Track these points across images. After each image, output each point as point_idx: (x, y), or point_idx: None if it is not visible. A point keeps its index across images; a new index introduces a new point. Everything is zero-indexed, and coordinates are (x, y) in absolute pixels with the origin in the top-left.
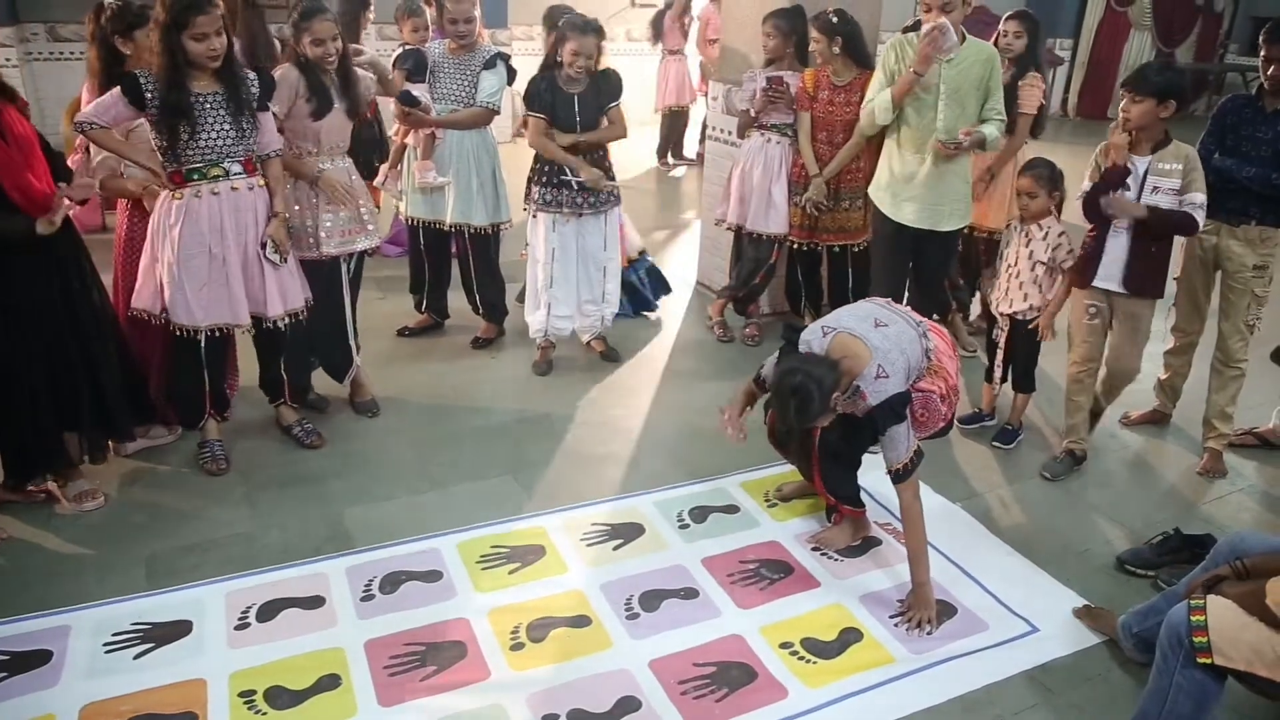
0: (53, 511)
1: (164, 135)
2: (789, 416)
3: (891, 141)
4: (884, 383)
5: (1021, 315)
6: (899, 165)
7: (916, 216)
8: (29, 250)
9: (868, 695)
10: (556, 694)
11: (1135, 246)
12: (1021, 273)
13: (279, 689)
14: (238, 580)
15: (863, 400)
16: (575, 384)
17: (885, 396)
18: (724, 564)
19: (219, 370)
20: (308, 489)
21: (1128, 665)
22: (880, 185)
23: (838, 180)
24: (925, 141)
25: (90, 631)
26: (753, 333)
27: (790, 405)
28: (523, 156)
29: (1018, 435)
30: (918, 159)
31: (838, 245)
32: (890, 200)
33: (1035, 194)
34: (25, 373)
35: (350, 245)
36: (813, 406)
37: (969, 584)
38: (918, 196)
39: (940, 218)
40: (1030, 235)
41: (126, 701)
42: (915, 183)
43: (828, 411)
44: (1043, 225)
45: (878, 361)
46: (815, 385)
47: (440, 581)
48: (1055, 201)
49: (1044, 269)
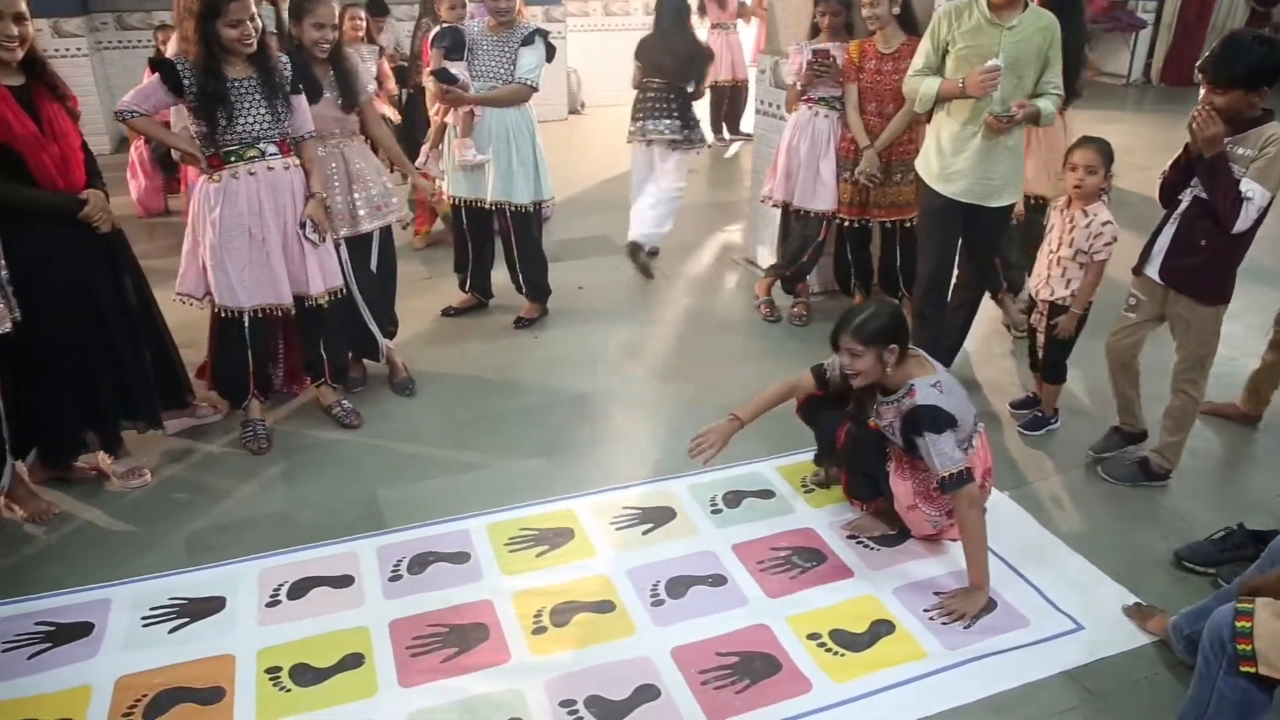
0: (101, 488)
1: (202, 121)
2: (852, 321)
3: (941, 111)
4: (937, 394)
5: (1062, 301)
6: (948, 136)
7: (965, 190)
8: (63, 228)
9: (895, 691)
10: (575, 680)
11: (1181, 234)
12: (1063, 259)
13: (304, 666)
14: (271, 558)
15: (910, 399)
16: (618, 364)
17: (933, 402)
18: (755, 551)
19: (262, 351)
20: (344, 469)
21: (1178, 669)
22: (928, 157)
23: (889, 152)
24: (978, 112)
25: (129, 605)
26: (800, 312)
27: (862, 311)
28: (578, 134)
29: (1047, 424)
30: (969, 130)
31: (889, 221)
32: (938, 173)
33: (1095, 169)
34: (54, 359)
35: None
36: (876, 322)
37: (1011, 576)
38: (967, 170)
39: (990, 192)
40: (1074, 220)
41: (159, 675)
42: (965, 155)
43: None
44: (1089, 211)
45: (939, 378)
46: (891, 314)
47: (468, 563)
48: (1108, 183)
49: (1085, 256)
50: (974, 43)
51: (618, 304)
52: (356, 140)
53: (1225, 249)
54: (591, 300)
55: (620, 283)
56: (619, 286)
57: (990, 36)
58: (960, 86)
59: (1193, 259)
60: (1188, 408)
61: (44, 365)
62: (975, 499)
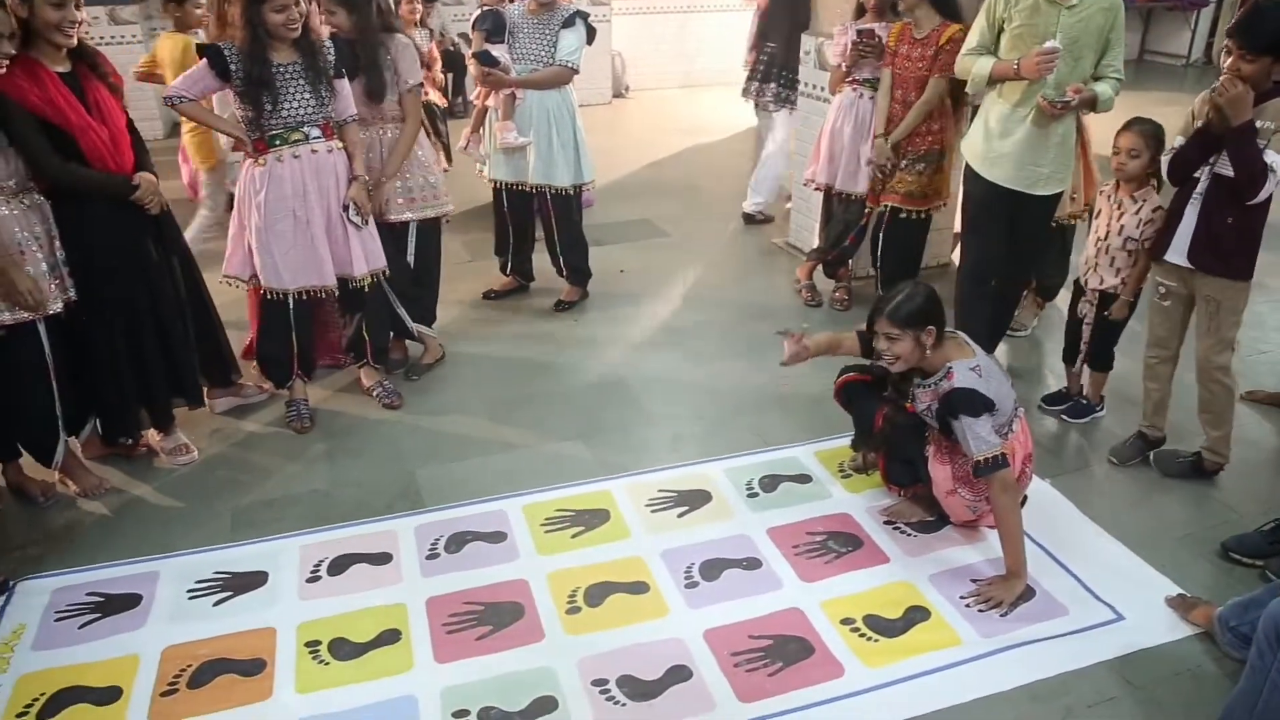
0: (150, 464)
1: (248, 106)
2: (888, 305)
3: (993, 92)
4: (975, 378)
5: (1113, 289)
6: (996, 118)
7: (1009, 176)
8: (116, 209)
9: (929, 678)
10: (608, 660)
11: (1207, 214)
12: (1112, 246)
13: (342, 640)
14: (313, 535)
15: (948, 380)
16: (658, 348)
17: (970, 385)
18: (790, 535)
19: (307, 332)
20: (384, 448)
21: (1222, 661)
22: (974, 138)
23: (906, 142)
24: (1030, 95)
25: (176, 578)
26: (842, 296)
27: (898, 294)
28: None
29: (1092, 411)
30: (1019, 113)
31: (889, 206)
32: (983, 156)
33: (1139, 152)
34: (107, 337)
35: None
36: (912, 305)
37: (1050, 565)
38: (1013, 155)
39: (1036, 180)
40: (1123, 206)
41: (204, 646)
42: (1012, 139)
43: (913, 336)
44: (1137, 197)
45: (978, 362)
46: (927, 297)
47: (504, 543)
48: (1156, 165)
49: (1135, 244)
50: (1031, 21)
51: (658, 288)
52: (391, 128)
53: (1251, 223)
54: (632, 284)
55: (661, 267)
56: (660, 270)
57: (1048, 16)
58: (1014, 68)
59: (1222, 238)
60: (1224, 397)
61: (98, 344)
62: (1009, 484)
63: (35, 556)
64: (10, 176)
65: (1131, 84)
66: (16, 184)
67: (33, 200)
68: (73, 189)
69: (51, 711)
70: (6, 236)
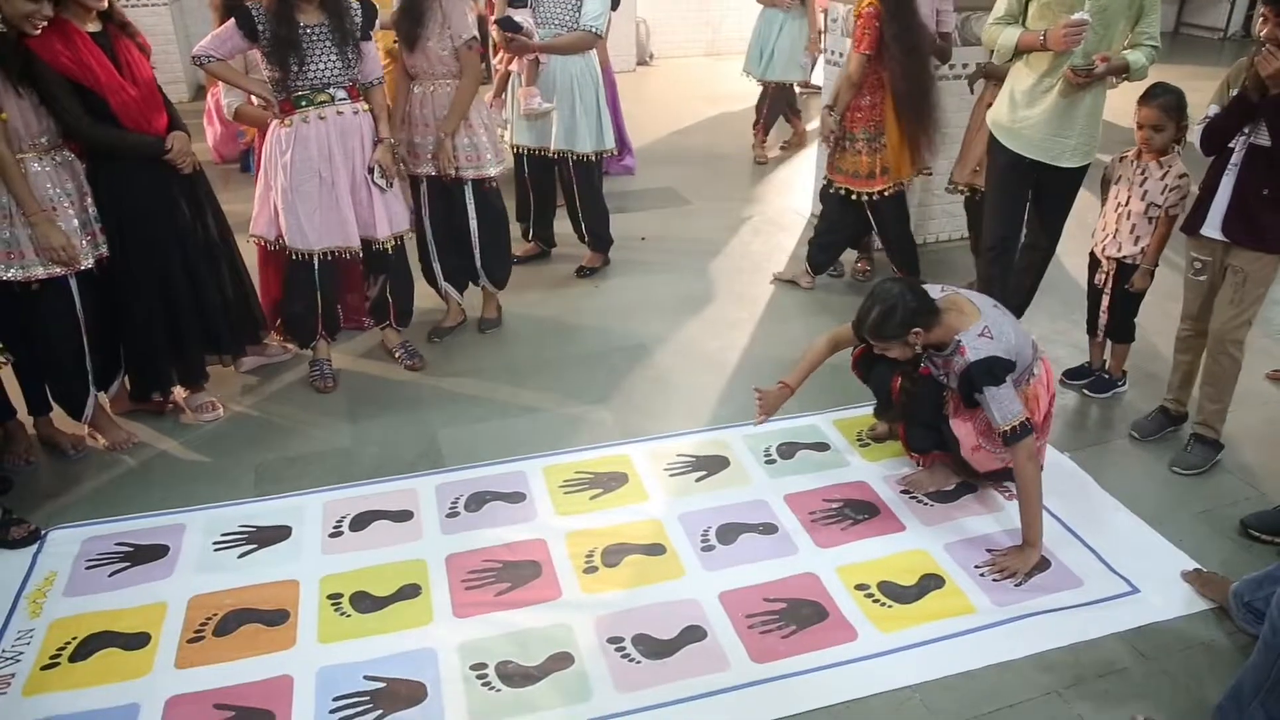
0: (176, 420)
1: (274, 67)
2: (865, 323)
3: (1020, 61)
4: (986, 343)
5: (1131, 259)
6: (1022, 89)
7: (1033, 146)
8: (148, 168)
9: (941, 644)
10: (624, 618)
11: (1242, 185)
12: (1133, 213)
13: (364, 594)
14: (335, 491)
15: (960, 356)
16: (678, 315)
17: (984, 355)
18: (807, 501)
19: (331, 293)
20: (406, 409)
21: (1235, 636)
22: (999, 109)
23: (846, 119)
24: (1058, 65)
25: (202, 530)
26: (864, 267)
27: (871, 311)
28: (646, 85)
29: (1114, 386)
30: (1046, 84)
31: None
32: (1008, 126)
33: (1162, 126)
34: (140, 294)
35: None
36: (888, 323)
37: (1066, 537)
38: (1039, 125)
39: (1061, 152)
40: (1147, 172)
41: (229, 596)
42: (1038, 109)
43: (901, 342)
44: (1163, 163)
45: (985, 323)
46: (901, 304)
47: (523, 503)
48: (1181, 132)
49: (1158, 211)
50: None
51: (679, 255)
52: (443, 84)
53: None
54: (653, 251)
55: (683, 234)
56: (681, 238)
57: None
58: (1040, 39)
59: (1258, 209)
60: (1231, 370)
61: (129, 300)
62: (1033, 453)
63: (65, 507)
64: (42, 134)
65: (1167, 57)
66: (48, 141)
67: (64, 157)
68: (106, 149)
69: (83, 654)
70: (39, 193)
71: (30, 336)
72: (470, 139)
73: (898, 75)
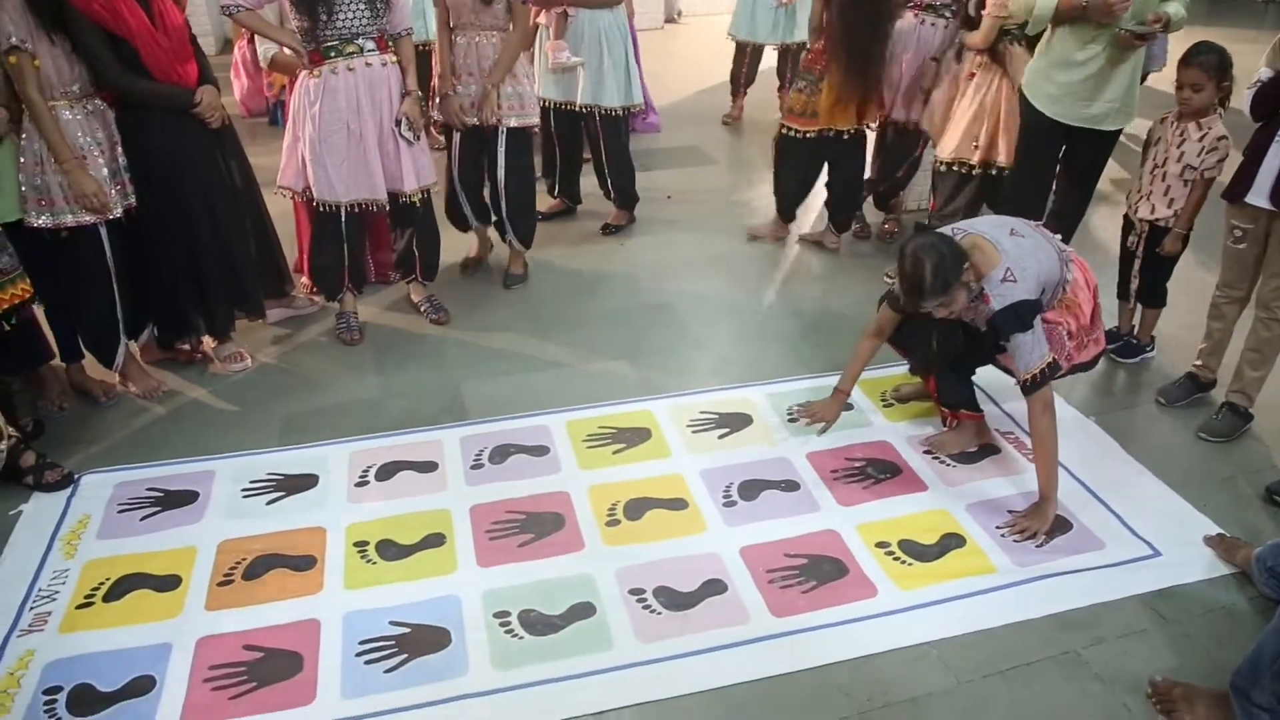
0: (205, 370)
1: (304, 16)
2: (924, 285)
3: (1059, 29)
4: (1010, 287)
5: (1164, 222)
6: (1062, 56)
7: (1076, 113)
8: (177, 120)
9: (961, 602)
10: (645, 570)
11: None
12: (1169, 175)
13: (389, 542)
14: (361, 442)
15: (985, 304)
16: (703, 274)
17: (1010, 301)
18: (829, 460)
19: (358, 245)
20: (431, 362)
21: (1257, 601)
22: (1035, 76)
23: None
24: (1104, 30)
25: (231, 478)
26: (892, 229)
27: (923, 271)
28: (674, 43)
29: (1142, 351)
30: (1090, 50)
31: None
32: (1049, 94)
33: (1202, 86)
34: (167, 245)
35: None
36: (945, 271)
37: (1089, 499)
38: (1082, 90)
39: (1106, 115)
40: (1186, 134)
41: (258, 541)
42: (1083, 74)
43: (942, 298)
44: (1202, 124)
45: (1007, 265)
46: (942, 248)
47: (546, 456)
48: (1224, 93)
49: (1194, 174)
50: None
51: (705, 214)
52: (499, 36)
53: None
54: (679, 209)
55: (708, 193)
56: (707, 197)
57: None
58: (1082, 5)
59: None
60: (1277, 340)
61: (157, 250)
62: (1049, 403)
63: (97, 453)
64: (74, 82)
65: (1207, 20)
66: (80, 89)
67: (95, 106)
68: (136, 100)
69: (116, 595)
70: (70, 141)
71: (62, 284)
72: (514, 88)
73: (836, 20)
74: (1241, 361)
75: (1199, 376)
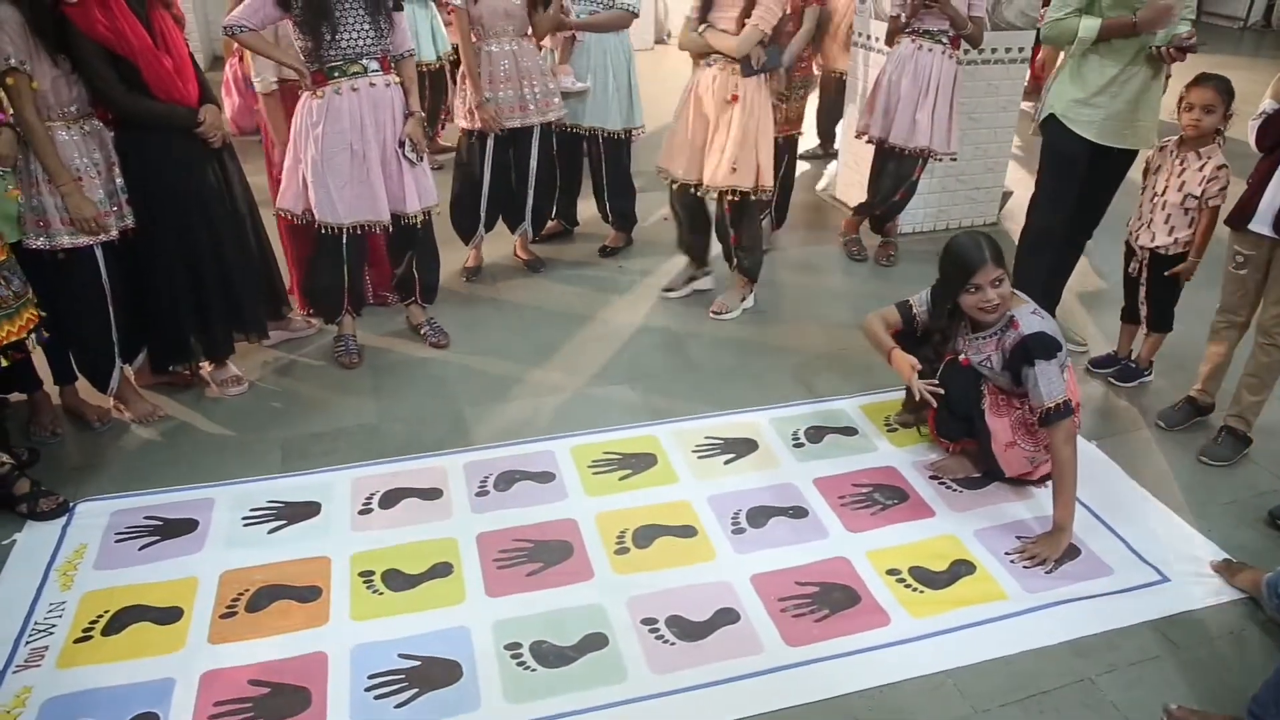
0: (201, 394)
1: (307, 36)
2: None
3: (1090, 52)
4: (1039, 320)
5: (1164, 250)
6: (1102, 79)
7: (1113, 134)
8: (178, 140)
9: (975, 630)
10: (657, 599)
11: None
12: (1169, 203)
13: (395, 572)
14: (363, 468)
15: (1014, 330)
16: (698, 297)
17: (1041, 330)
18: (836, 486)
19: (358, 267)
20: (431, 385)
21: (1266, 626)
22: (1065, 100)
23: (792, 71)
24: (1141, 50)
25: (230, 505)
26: (888, 252)
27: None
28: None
29: (1140, 375)
30: (1131, 70)
31: (781, 137)
32: (1088, 117)
33: (1214, 107)
34: (166, 266)
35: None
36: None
37: (1096, 525)
38: (1122, 111)
39: (1139, 135)
40: (1186, 163)
41: (260, 571)
42: (1125, 97)
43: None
44: (1202, 154)
45: (1034, 304)
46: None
47: (552, 483)
48: (1224, 123)
49: (1195, 202)
50: None
51: None
52: (526, 40)
53: None
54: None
55: None
56: None
57: None
58: (1132, 22)
59: None
60: (1276, 365)
61: (155, 272)
62: (1072, 434)
63: (92, 480)
64: (72, 103)
65: None
66: (77, 110)
67: (92, 126)
68: (139, 120)
69: (116, 628)
70: (66, 162)
71: (57, 307)
72: (544, 85)
73: None
74: (1240, 386)
75: (1198, 400)
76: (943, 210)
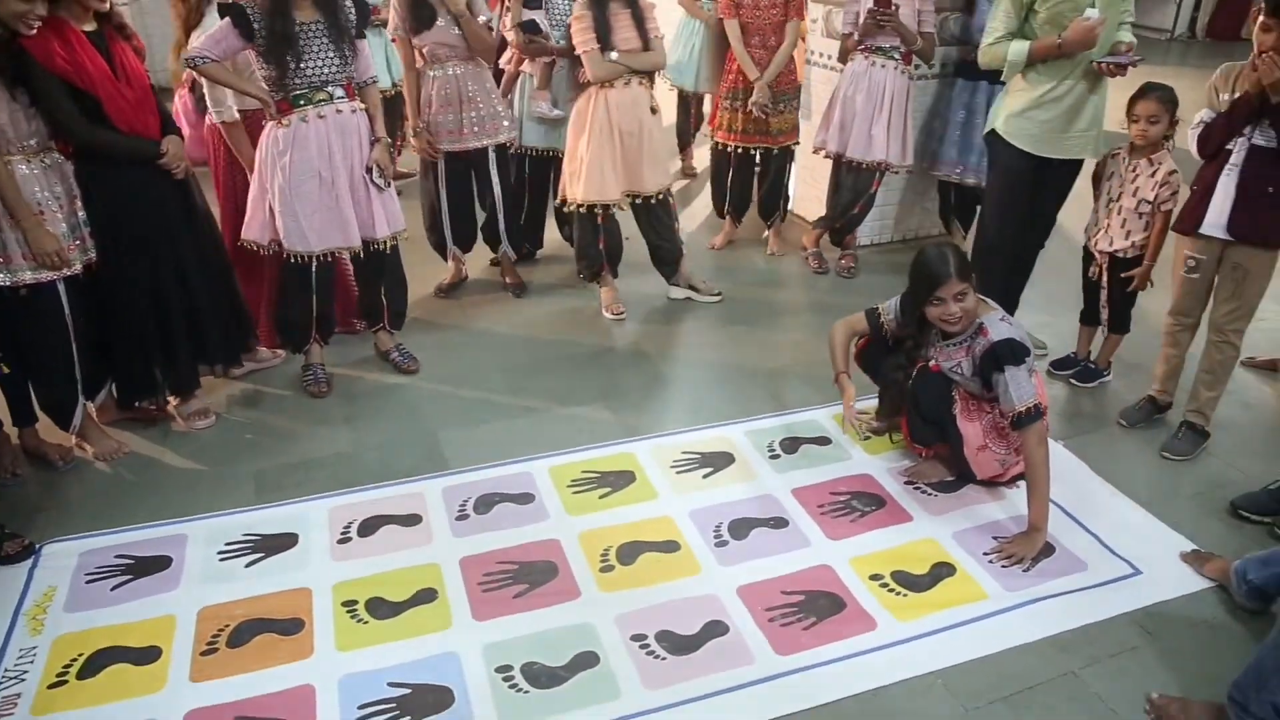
0: (168, 429)
1: (271, 65)
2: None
3: (1029, 71)
4: (1007, 326)
5: (1122, 253)
6: (1038, 96)
7: (1052, 145)
8: (141, 172)
9: (959, 630)
10: (645, 615)
11: (1246, 185)
12: (1124, 209)
13: (379, 600)
14: (340, 497)
15: (983, 337)
16: (667, 314)
17: (1009, 336)
18: (814, 495)
19: (327, 295)
20: (404, 411)
21: (1237, 612)
22: (1014, 119)
23: (776, 83)
24: (1076, 66)
25: (205, 540)
26: (849, 264)
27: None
28: None
29: (1100, 376)
30: (1067, 84)
31: (776, 148)
32: (1029, 131)
33: (1159, 118)
34: (130, 300)
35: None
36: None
37: (1068, 523)
38: (1058, 123)
39: (1081, 145)
40: (1138, 169)
41: (240, 606)
42: (1059, 110)
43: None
44: (1153, 160)
45: (1001, 311)
46: (961, 253)
47: (532, 504)
48: (1171, 130)
49: (1149, 207)
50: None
51: None
52: (471, 65)
53: None
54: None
55: None
56: None
57: None
58: (1057, 44)
59: (1262, 207)
60: (1229, 361)
61: (120, 306)
62: (1044, 437)
63: (58, 520)
64: (31, 136)
65: None
66: (37, 143)
67: (53, 160)
68: (101, 152)
69: (91, 671)
70: (26, 196)
71: (18, 344)
72: (490, 109)
73: None
74: (1197, 383)
75: (1157, 399)
76: (900, 220)
